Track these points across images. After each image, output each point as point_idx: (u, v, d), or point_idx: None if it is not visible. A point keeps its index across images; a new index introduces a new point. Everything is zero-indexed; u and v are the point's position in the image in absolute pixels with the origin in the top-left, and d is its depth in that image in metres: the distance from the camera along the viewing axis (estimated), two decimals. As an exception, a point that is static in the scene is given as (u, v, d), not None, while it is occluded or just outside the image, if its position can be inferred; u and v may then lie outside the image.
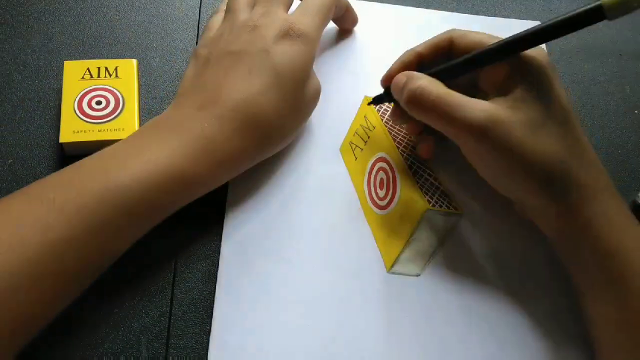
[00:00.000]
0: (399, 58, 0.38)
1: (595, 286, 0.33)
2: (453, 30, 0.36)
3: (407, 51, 0.37)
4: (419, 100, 0.34)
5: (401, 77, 0.36)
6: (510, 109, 0.33)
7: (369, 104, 0.40)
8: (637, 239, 0.33)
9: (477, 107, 0.32)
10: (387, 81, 0.38)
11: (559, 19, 0.31)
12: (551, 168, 0.33)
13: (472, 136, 0.33)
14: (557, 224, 0.34)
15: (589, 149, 0.34)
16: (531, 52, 0.33)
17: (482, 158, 0.34)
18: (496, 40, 0.34)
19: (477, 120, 0.32)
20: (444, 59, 0.36)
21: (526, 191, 0.34)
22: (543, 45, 0.49)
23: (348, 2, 0.45)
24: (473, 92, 0.35)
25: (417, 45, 0.37)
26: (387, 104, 0.40)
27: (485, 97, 0.34)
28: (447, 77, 0.35)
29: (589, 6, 0.30)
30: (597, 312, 0.34)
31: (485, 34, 0.35)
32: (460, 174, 0.39)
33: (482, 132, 0.32)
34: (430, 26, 0.49)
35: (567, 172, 0.33)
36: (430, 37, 0.48)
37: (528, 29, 0.32)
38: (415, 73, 0.35)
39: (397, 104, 0.37)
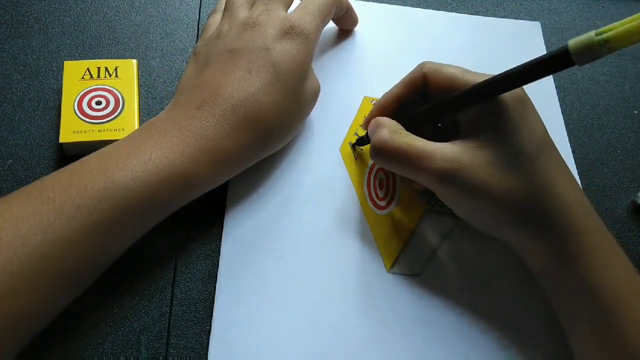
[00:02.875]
0: (377, 102, 0.37)
1: (577, 323, 0.33)
2: (425, 64, 0.36)
3: (384, 94, 0.37)
4: (380, 152, 0.34)
5: (372, 124, 0.36)
6: (476, 149, 0.32)
7: (352, 145, 0.40)
8: (621, 276, 0.32)
9: (438, 156, 0.32)
10: (366, 125, 0.38)
11: (527, 64, 0.30)
12: (521, 207, 0.32)
13: (438, 183, 0.33)
14: (539, 260, 0.34)
15: (568, 183, 0.33)
16: None
17: (453, 200, 0.34)
18: (468, 74, 0.34)
19: (439, 169, 0.32)
20: (422, 96, 0.36)
21: (502, 230, 0.34)
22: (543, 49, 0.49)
23: (349, 3, 0.45)
24: (453, 124, 0.35)
25: (394, 87, 0.37)
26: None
27: (460, 130, 0.34)
28: (419, 122, 0.35)
29: (555, 50, 0.28)
30: (579, 347, 0.33)
31: (458, 67, 0.35)
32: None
33: (446, 179, 0.32)
34: (430, 26, 0.49)
35: (540, 211, 0.32)
36: (430, 37, 0.48)
37: (497, 76, 0.31)
38: (384, 121, 0.35)
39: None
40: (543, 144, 0.33)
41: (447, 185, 0.32)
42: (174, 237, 0.37)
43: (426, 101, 0.35)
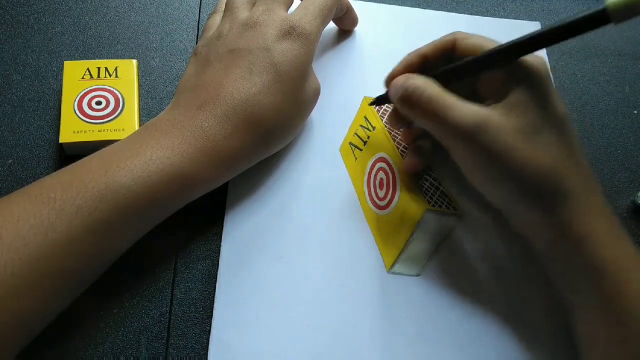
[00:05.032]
0: (402, 59, 0.37)
1: (585, 305, 0.33)
2: (457, 32, 0.36)
3: (411, 52, 0.36)
4: (410, 98, 0.33)
5: (401, 78, 0.35)
6: (504, 114, 0.32)
7: (370, 104, 0.40)
8: (630, 259, 0.32)
9: (468, 110, 0.32)
10: (389, 82, 0.37)
11: (561, 23, 0.30)
12: (543, 178, 0.32)
13: (461, 139, 0.32)
14: (549, 238, 0.33)
15: (584, 163, 0.33)
16: (529, 58, 0.33)
17: (472, 163, 0.33)
18: (496, 44, 0.33)
19: (466, 123, 0.31)
20: (447, 61, 0.35)
21: (516, 201, 0.33)
22: (543, 52, 0.49)
23: (349, 3, 0.45)
24: (474, 97, 0.35)
25: (421, 47, 0.36)
26: (387, 105, 0.40)
27: (483, 102, 0.34)
28: (445, 81, 0.35)
29: (592, 10, 0.28)
30: (586, 331, 0.33)
31: (487, 38, 0.34)
32: (460, 174, 0.39)
33: (471, 135, 0.31)
34: (430, 26, 0.49)
35: (560, 183, 0.32)
36: (430, 37, 0.48)
37: (528, 34, 0.31)
38: (414, 74, 0.35)
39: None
40: (566, 119, 0.33)
41: (471, 142, 0.32)
42: (174, 237, 0.37)
43: None
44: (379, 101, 0.39)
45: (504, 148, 0.31)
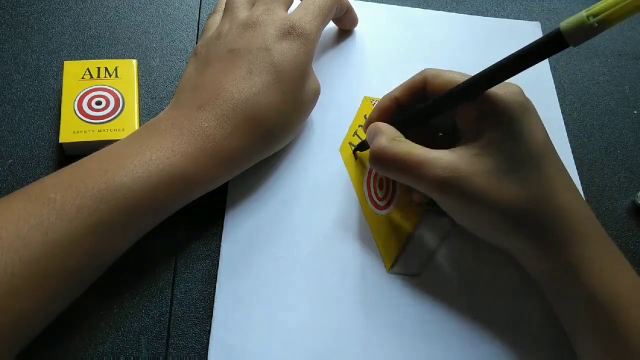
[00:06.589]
0: (376, 105, 0.37)
1: (581, 330, 0.33)
2: (426, 70, 0.35)
3: (384, 97, 0.37)
4: (379, 160, 0.33)
5: (371, 129, 0.35)
6: (474, 156, 0.32)
7: (354, 151, 0.40)
8: (623, 284, 0.32)
9: (436, 164, 0.32)
10: (367, 128, 0.37)
11: (521, 51, 0.30)
12: (519, 215, 0.32)
13: (437, 191, 0.32)
14: (539, 267, 0.34)
15: (569, 191, 0.33)
16: (500, 92, 0.32)
17: (452, 208, 0.34)
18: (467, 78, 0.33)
19: (437, 178, 0.32)
20: (421, 99, 0.35)
21: (500, 238, 0.34)
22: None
23: (349, 3, 0.45)
24: (452, 131, 0.35)
25: (393, 90, 0.36)
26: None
27: (460, 136, 0.34)
28: (415, 124, 0.35)
29: (549, 34, 0.28)
30: (584, 354, 0.33)
31: (458, 72, 0.34)
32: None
33: (444, 187, 0.32)
34: (430, 26, 0.49)
35: (538, 218, 0.32)
36: (430, 37, 0.48)
37: (490, 66, 0.31)
38: (382, 127, 0.35)
39: None
40: (543, 152, 0.33)
41: (445, 193, 0.32)
42: (174, 237, 0.37)
43: None
44: (360, 147, 0.40)
45: (478, 193, 0.32)
